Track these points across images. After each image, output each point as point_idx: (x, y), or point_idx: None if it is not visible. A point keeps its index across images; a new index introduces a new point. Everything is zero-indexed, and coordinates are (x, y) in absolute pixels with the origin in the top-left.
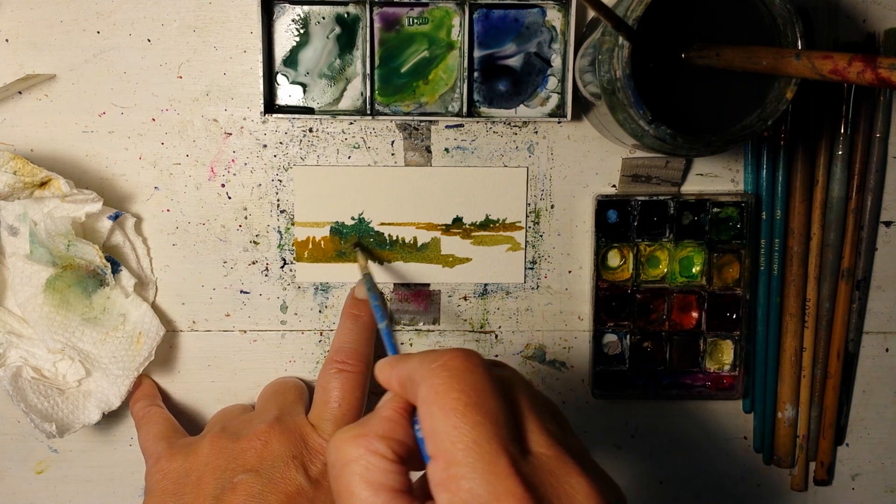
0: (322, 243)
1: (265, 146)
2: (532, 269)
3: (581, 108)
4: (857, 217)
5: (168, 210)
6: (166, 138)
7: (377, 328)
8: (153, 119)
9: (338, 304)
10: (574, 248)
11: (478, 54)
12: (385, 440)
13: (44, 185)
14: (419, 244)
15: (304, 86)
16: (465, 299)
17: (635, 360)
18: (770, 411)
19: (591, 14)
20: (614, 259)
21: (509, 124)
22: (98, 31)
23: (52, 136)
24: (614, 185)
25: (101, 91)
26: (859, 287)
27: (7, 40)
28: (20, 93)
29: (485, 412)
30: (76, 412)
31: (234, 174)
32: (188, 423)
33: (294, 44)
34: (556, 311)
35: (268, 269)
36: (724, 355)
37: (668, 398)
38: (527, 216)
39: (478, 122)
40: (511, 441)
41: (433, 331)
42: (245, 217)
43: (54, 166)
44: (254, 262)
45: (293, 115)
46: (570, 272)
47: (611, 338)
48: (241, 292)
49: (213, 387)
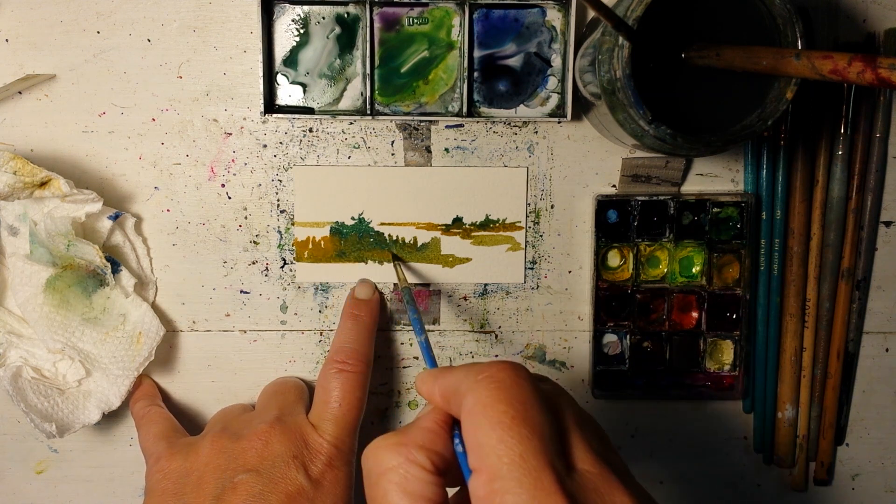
0: (322, 243)
1: (265, 146)
2: (532, 269)
3: (581, 108)
4: (857, 217)
5: (168, 210)
6: (166, 138)
7: (418, 338)
8: (153, 119)
9: (338, 305)
10: (574, 248)
11: (478, 54)
12: (425, 451)
13: (44, 185)
14: (419, 244)
15: (304, 86)
16: (465, 299)
17: (635, 360)
18: (770, 411)
19: (591, 14)
20: (614, 259)
21: (509, 124)
22: (98, 31)
23: (52, 136)
24: (614, 185)
25: (101, 91)
26: (859, 287)
27: (7, 40)
28: (20, 93)
29: (531, 426)
30: (76, 412)
31: (234, 174)
32: (188, 423)
33: (294, 44)
34: (556, 311)
35: (268, 269)
36: (724, 355)
37: (668, 398)
38: (527, 216)
39: (478, 122)
40: (556, 456)
41: (433, 331)
42: (245, 217)
43: (54, 166)
44: (254, 262)
45: (293, 115)
46: (570, 272)
47: (611, 338)
48: (241, 292)
49: (213, 387)
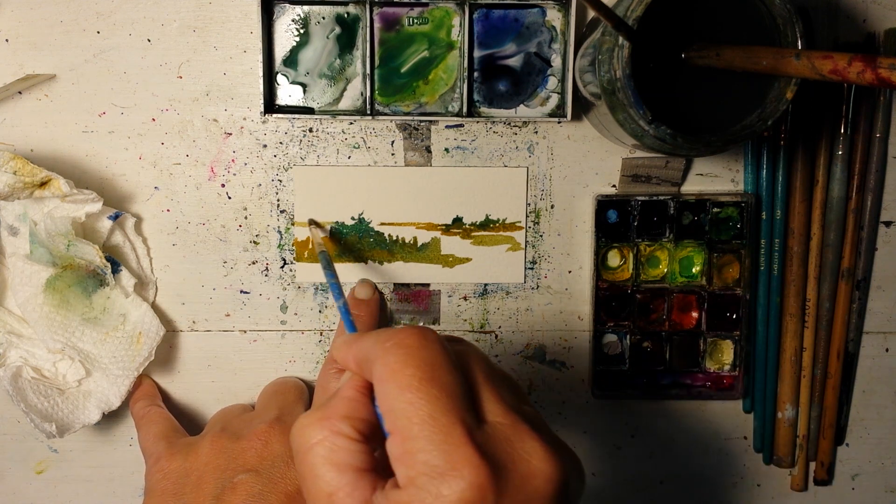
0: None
1: (265, 146)
2: (532, 269)
3: (581, 108)
4: (857, 217)
5: (168, 210)
6: (166, 138)
7: (336, 303)
8: (153, 119)
9: None
10: (574, 248)
11: (478, 54)
12: (348, 420)
13: (44, 185)
14: (419, 244)
15: (304, 86)
16: (465, 299)
17: (635, 360)
18: (770, 411)
19: (591, 14)
20: (614, 259)
21: (509, 124)
22: (98, 31)
23: (52, 136)
24: (614, 185)
25: (101, 91)
26: (859, 287)
27: (7, 40)
28: (20, 93)
29: (439, 386)
30: (76, 412)
31: (234, 174)
32: (188, 423)
33: (294, 44)
34: (556, 311)
35: (268, 269)
36: (724, 355)
37: (668, 398)
38: (527, 216)
39: (478, 122)
40: (466, 412)
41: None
42: (245, 217)
43: (54, 166)
44: (254, 262)
45: (293, 115)
46: (570, 272)
47: (611, 338)
48: (241, 292)
49: (213, 387)
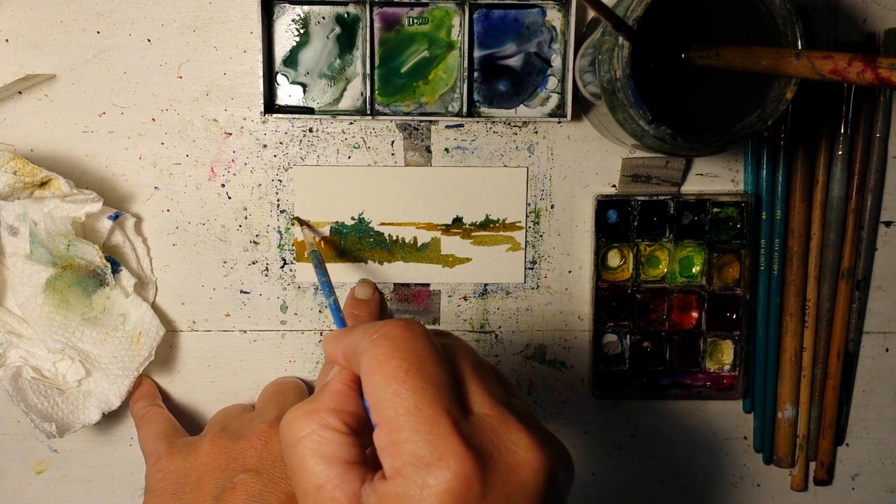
0: (322, 243)
1: (265, 146)
2: (532, 269)
3: (581, 108)
4: (857, 217)
5: (168, 210)
6: (166, 138)
7: (327, 300)
8: (153, 119)
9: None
10: (574, 248)
11: (478, 54)
12: (336, 413)
13: (44, 185)
14: (419, 244)
15: (304, 86)
16: (465, 299)
17: (635, 360)
18: (770, 411)
19: (591, 14)
20: (614, 259)
21: (509, 124)
22: (98, 31)
23: (52, 136)
24: (614, 185)
25: (101, 91)
26: (859, 287)
27: (7, 40)
28: (20, 93)
29: (426, 377)
30: (76, 412)
31: (234, 174)
32: (188, 423)
33: (294, 44)
34: (556, 311)
35: (268, 269)
36: (724, 355)
37: (668, 398)
38: (527, 216)
39: (478, 122)
40: (453, 403)
41: (433, 331)
42: (245, 217)
43: (54, 166)
44: (254, 262)
45: (293, 115)
46: (570, 272)
47: (611, 338)
48: (241, 292)
49: (213, 387)
